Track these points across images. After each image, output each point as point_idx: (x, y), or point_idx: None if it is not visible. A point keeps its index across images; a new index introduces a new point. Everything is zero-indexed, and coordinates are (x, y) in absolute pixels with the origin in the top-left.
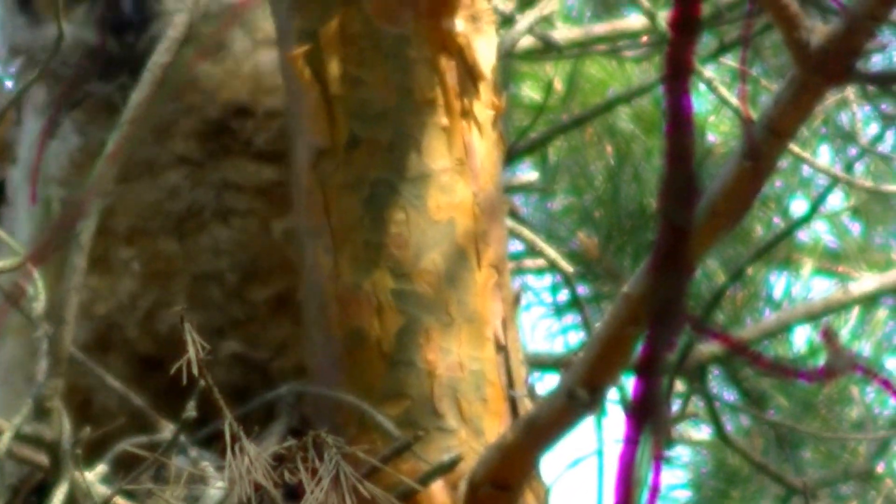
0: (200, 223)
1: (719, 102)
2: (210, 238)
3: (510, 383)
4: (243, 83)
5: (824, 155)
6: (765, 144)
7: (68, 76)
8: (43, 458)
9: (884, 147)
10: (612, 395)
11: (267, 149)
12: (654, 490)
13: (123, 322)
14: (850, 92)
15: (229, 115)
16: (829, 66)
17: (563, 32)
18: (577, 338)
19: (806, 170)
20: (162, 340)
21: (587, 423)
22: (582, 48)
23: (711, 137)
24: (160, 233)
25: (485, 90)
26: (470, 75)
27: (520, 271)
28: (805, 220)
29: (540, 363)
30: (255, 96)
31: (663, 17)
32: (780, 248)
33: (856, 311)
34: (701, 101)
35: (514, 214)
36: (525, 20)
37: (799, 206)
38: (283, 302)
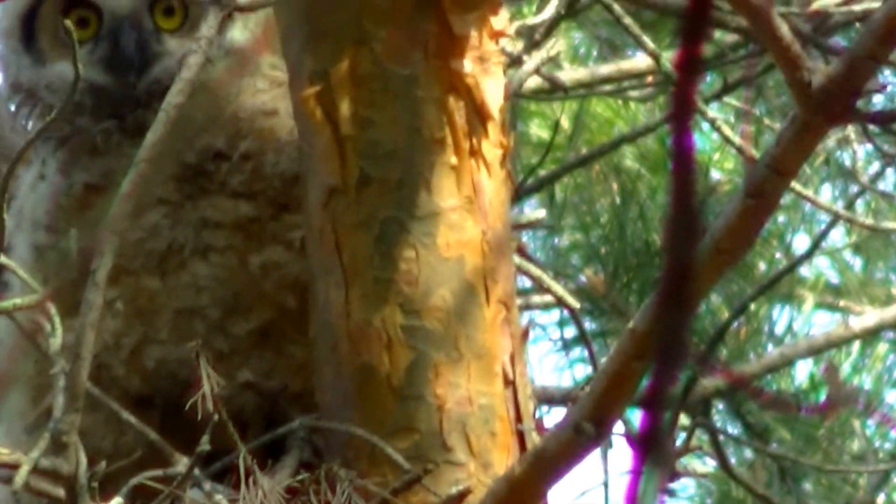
0: (181, 261)
1: (723, 141)
2: (190, 275)
3: (518, 417)
4: (222, 129)
5: (826, 193)
6: (767, 182)
7: (63, 114)
8: (60, 492)
9: (884, 185)
10: (618, 428)
11: (241, 189)
12: None
13: (110, 362)
14: (851, 131)
15: (206, 160)
16: (831, 106)
17: (569, 73)
18: (583, 372)
19: (807, 207)
20: (149, 377)
21: (593, 456)
22: (588, 88)
23: (715, 175)
24: (142, 271)
25: (493, 130)
26: (478, 115)
27: (528, 307)
28: (807, 256)
29: (547, 397)
30: (233, 142)
31: (668, 57)
32: (783, 284)
33: (857, 346)
34: (705, 140)
35: (521, 251)
36: (532, 61)
37: (801, 243)
38: (265, 334)
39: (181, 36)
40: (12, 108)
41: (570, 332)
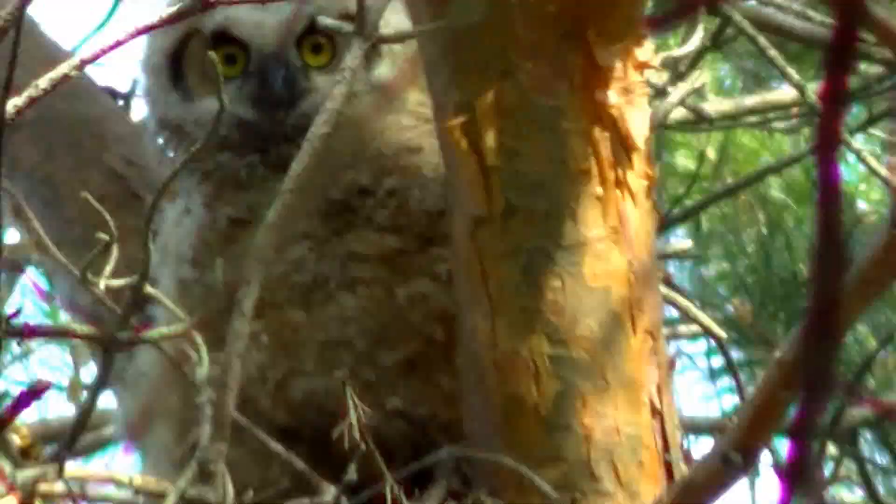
0: (327, 293)
1: (868, 173)
2: (337, 307)
3: (665, 447)
4: (367, 165)
5: None
6: None
7: (208, 148)
8: None
9: None
10: (766, 458)
11: (386, 224)
12: None
13: (256, 395)
14: None
15: (352, 195)
16: None
17: (714, 104)
18: (730, 402)
19: None
20: (296, 409)
21: (741, 486)
22: (733, 120)
23: (861, 206)
24: (287, 304)
25: (638, 161)
26: (623, 146)
27: (674, 337)
28: None
29: (695, 427)
30: (378, 178)
31: (813, 89)
32: None
33: None
34: (850, 172)
35: (668, 281)
36: (677, 93)
37: None
38: (412, 364)
39: (329, 73)
40: (160, 142)
41: (717, 361)
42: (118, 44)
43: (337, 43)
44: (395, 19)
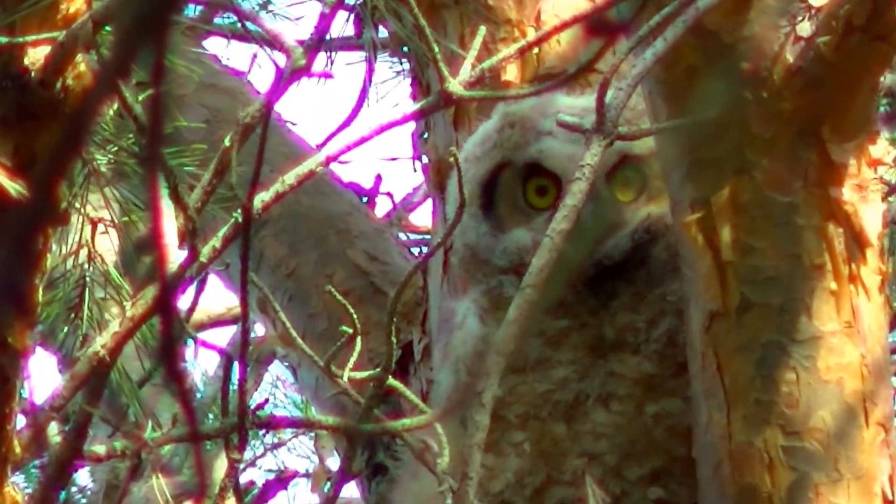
0: (586, 410)
1: None
2: (591, 423)
3: None
4: (647, 307)
5: None
6: None
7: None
8: None
9: None
10: None
11: (654, 357)
12: None
13: (514, 499)
14: None
15: (627, 333)
16: None
17: None
18: None
19: None
20: None
21: None
22: None
23: None
24: (549, 418)
25: (871, 256)
26: (857, 242)
27: None
28: None
29: None
30: (655, 321)
31: None
32: None
33: None
34: None
35: None
36: None
37: None
38: (656, 478)
39: (637, 207)
40: (456, 262)
41: None
42: (362, 140)
43: (646, 176)
44: None
